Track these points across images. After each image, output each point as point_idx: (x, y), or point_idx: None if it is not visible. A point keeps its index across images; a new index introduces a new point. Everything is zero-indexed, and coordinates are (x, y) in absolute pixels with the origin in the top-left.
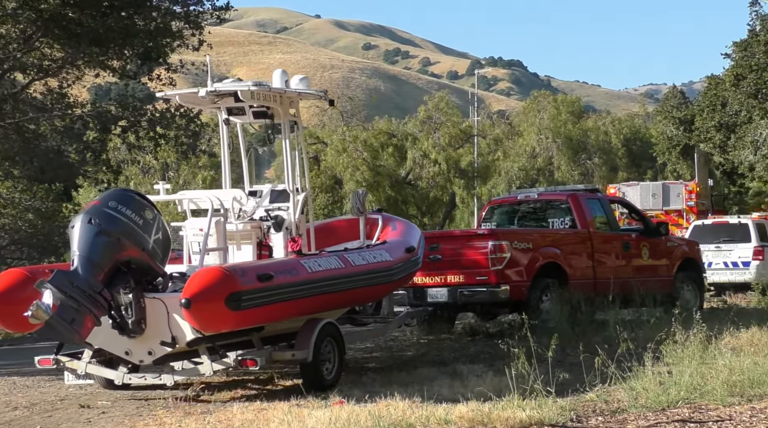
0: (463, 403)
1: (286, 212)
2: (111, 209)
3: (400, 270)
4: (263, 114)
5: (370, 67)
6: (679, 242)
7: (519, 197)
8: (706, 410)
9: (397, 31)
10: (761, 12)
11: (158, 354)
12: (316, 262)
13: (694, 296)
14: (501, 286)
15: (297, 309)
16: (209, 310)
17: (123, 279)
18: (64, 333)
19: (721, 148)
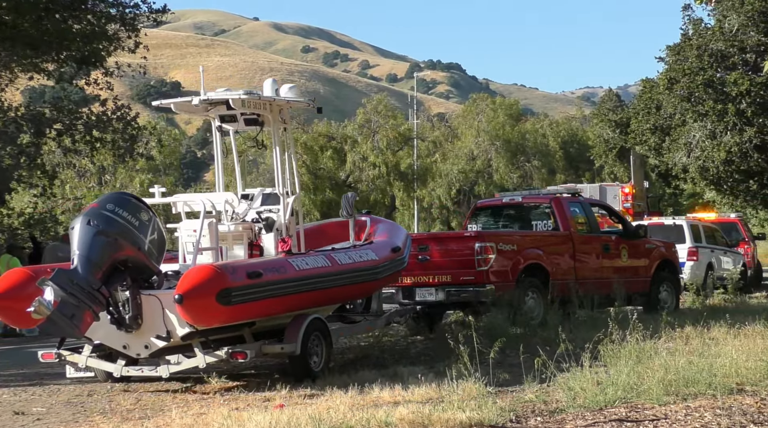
0: (404, 405)
1: (277, 214)
2: (109, 211)
3: (386, 269)
4: (254, 121)
5: (309, 70)
6: (657, 244)
7: (504, 200)
8: (642, 409)
9: (336, 33)
10: (693, 17)
11: (154, 347)
12: (303, 261)
13: (670, 296)
14: (487, 286)
15: (285, 305)
16: (201, 305)
17: (120, 277)
18: (64, 328)
19: (656, 150)
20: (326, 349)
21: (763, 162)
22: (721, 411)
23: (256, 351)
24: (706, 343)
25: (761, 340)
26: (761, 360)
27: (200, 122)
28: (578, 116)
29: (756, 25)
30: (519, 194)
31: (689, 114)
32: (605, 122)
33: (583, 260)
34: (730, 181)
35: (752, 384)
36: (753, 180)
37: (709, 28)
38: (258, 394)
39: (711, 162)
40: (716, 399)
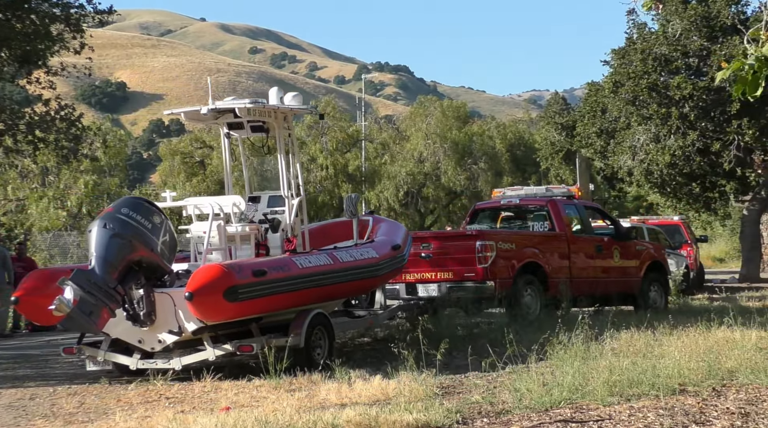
0: (351, 407)
1: (282, 215)
2: (123, 215)
3: (386, 266)
4: (260, 128)
5: (256, 71)
6: (647, 246)
7: (502, 201)
8: (587, 410)
9: (284, 35)
10: (638, 21)
11: (167, 341)
12: (306, 259)
13: (659, 296)
14: (487, 282)
15: (289, 301)
16: (209, 302)
17: (135, 276)
18: (83, 324)
19: (601, 153)
20: (329, 342)
21: (706, 165)
22: (664, 411)
23: (262, 344)
24: (650, 344)
25: (703, 341)
26: (703, 361)
27: (146, 123)
28: (525, 118)
29: (698, 30)
30: (517, 197)
31: (634, 117)
32: (551, 125)
33: (578, 259)
34: (674, 184)
35: (694, 385)
36: (696, 183)
37: (653, 33)
38: (204, 397)
39: (655, 165)
40: (659, 399)
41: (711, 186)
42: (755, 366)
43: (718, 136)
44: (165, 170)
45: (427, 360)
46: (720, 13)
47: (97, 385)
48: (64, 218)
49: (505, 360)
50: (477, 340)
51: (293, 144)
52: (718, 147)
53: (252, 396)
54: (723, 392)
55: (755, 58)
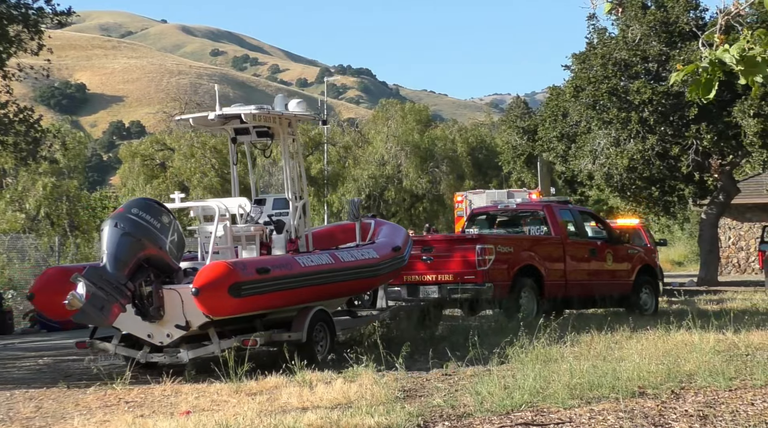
0: (312, 411)
1: (286, 217)
2: (134, 215)
3: (387, 266)
4: (265, 133)
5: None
6: (639, 250)
7: (499, 206)
8: (548, 413)
9: (246, 37)
10: (598, 26)
11: (175, 336)
12: (308, 258)
13: (650, 298)
14: (486, 284)
15: (291, 298)
16: (215, 297)
17: (144, 273)
18: (95, 318)
19: (562, 157)
20: (330, 338)
21: (665, 169)
22: (624, 414)
23: (266, 339)
24: (610, 347)
25: (662, 344)
26: (662, 364)
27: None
28: (487, 122)
29: (658, 35)
30: (514, 202)
31: (594, 122)
32: (513, 129)
33: (573, 263)
34: (633, 187)
35: (653, 388)
36: (655, 187)
37: (613, 38)
38: (164, 401)
39: (615, 169)
40: (619, 402)
41: (670, 190)
42: (713, 368)
43: (676, 140)
44: (125, 172)
45: (389, 363)
46: (678, 18)
47: (55, 389)
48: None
49: (467, 363)
50: (438, 343)
51: (297, 149)
52: (676, 151)
53: (212, 400)
54: (682, 394)
55: (709, 62)
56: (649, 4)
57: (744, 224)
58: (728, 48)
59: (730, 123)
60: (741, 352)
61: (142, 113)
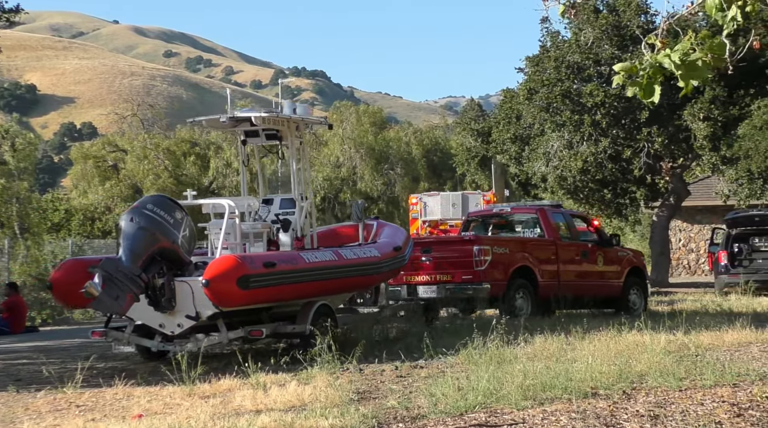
0: (266, 413)
1: (293, 216)
2: (148, 211)
3: (388, 265)
4: (273, 136)
5: (171, 75)
6: (628, 252)
7: (494, 210)
8: (501, 414)
9: (200, 39)
10: (551, 29)
11: (186, 326)
12: (313, 254)
13: (639, 299)
14: (483, 284)
15: (296, 292)
16: (224, 289)
17: (157, 266)
18: (110, 306)
19: (516, 159)
20: (333, 331)
21: (617, 172)
22: (576, 414)
23: (271, 330)
24: (563, 348)
25: (614, 345)
26: (614, 365)
27: (57, 127)
28: (441, 124)
29: (609, 39)
30: (508, 205)
31: (548, 124)
32: (467, 131)
33: (565, 264)
34: (586, 190)
35: (605, 388)
36: (607, 189)
37: (566, 41)
38: (115, 404)
39: (568, 171)
40: (572, 403)
41: (622, 192)
42: (664, 369)
43: (628, 143)
44: (77, 174)
45: (344, 365)
46: (630, 22)
47: (4, 393)
48: None
49: (421, 365)
50: (393, 345)
51: (304, 151)
52: (628, 154)
53: (165, 403)
54: (633, 395)
55: (649, 65)
56: (601, 8)
57: (694, 226)
58: (669, 53)
59: (681, 126)
60: (691, 353)
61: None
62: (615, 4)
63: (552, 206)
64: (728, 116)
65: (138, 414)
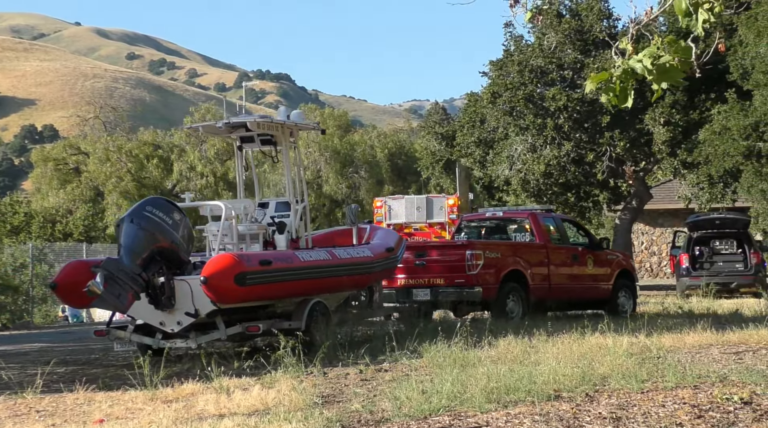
0: (229, 417)
1: (288, 218)
2: (148, 212)
3: (380, 265)
4: (268, 141)
5: (134, 77)
6: (617, 255)
7: (487, 214)
8: (465, 417)
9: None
10: (515, 33)
11: (185, 323)
12: (308, 253)
13: (628, 301)
14: (475, 288)
15: (292, 289)
16: (221, 286)
17: (157, 265)
18: (113, 304)
19: (480, 163)
20: (327, 327)
21: (580, 175)
22: (540, 417)
23: (268, 326)
24: (527, 351)
25: (577, 347)
26: (577, 367)
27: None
28: (406, 128)
29: (572, 43)
30: (500, 210)
31: (511, 128)
32: (432, 135)
33: (556, 267)
34: (550, 193)
35: (568, 391)
36: (570, 193)
37: (529, 45)
38: (76, 409)
39: (532, 175)
40: (535, 405)
41: (585, 196)
42: (626, 371)
43: (591, 147)
44: (38, 177)
45: (308, 368)
46: (592, 27)
47: None
48: None
49: (385, 368)
50: (358, 348)
51: (298, 156)
52: (591, 158)
53: (127, 408)
54: (596, 397)
55: (622, 71)
56: (564, 13)
57: (656, 229)
58: (641, 58)
59: (642, 130)
60: (653, 355)
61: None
62: (578, 8)
63: (543, 211)
64: (689, 121)
65: (99, 419)
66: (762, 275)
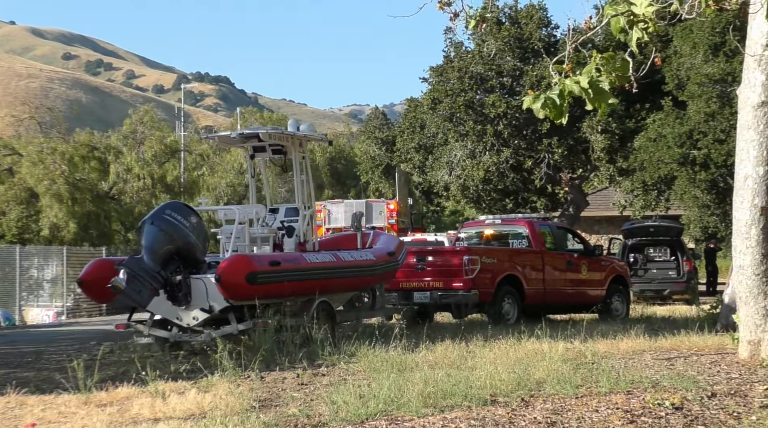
0: (165, 422)
1: (296, 223)
2: (167, 215)
3: (382, 268)
4: (279, 151)
5: (70, 78)
6: (611, 261)
7: (486, 221)
8: (402, 421)
9: (100, 41)
10: (455, 40)
11: (200, 318)
12: (314, 255)
13: (622, 305)
14: (472, 291)
15: (299, 288)
16: (233, 284)
17: (175, 264)
18: (134, 299)
19: (419, 168)
20: (331, 325)
21: (519, 182)
22: (476, 422)
23: (276, 322)
24: (464, 356)
25: (513, 352)
26: (513, 372)
27: None
28: (346, 132)
29: (512, 51)
30: (499, 218)
31: (451, 134)
32: (372, 140)
33: (551, 273)
34: (489, 199)
35: (504, 395)
36: (509, 199)
37: (469, 52)
38: (7, 413)
39: (471, 181)
40: (471, 410)
41: (523, 202)
42: (562, 376)
43: (530, 154)
44: None
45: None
46: (532, 35)
47: None
48: None
49: (323, 372)
50: (295, 353)
51: (306, 165)
52: (530, 164)
53: (60, 412)
54: (531, 402)
55: (559, 92)
56: (503, 21)
57: (592, 236)
58: (578, 80)
59: (580, 138)
60: (588, 360)
61: None
62: (517, 16)
63: (539, 219)
64: (625, 129)
65: (31, 423)
66: (694, 282)
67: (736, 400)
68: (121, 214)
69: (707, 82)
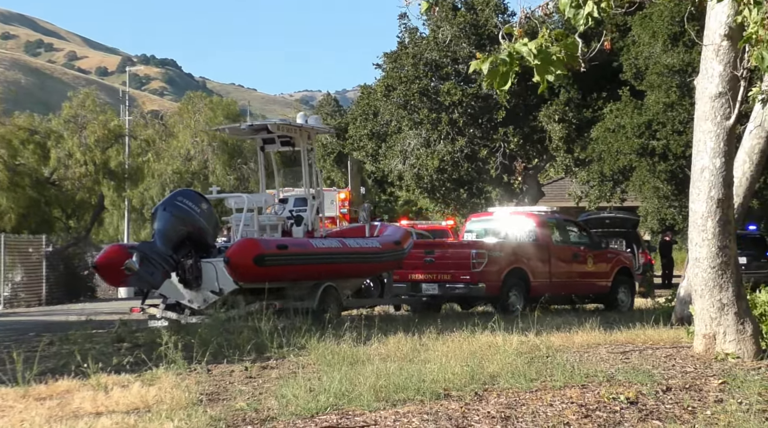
0: (107, 416)
1: (305, 213)
2: (179, 202)
3: (388, 255)
4: (288, 142)
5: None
6: (617, 253)
7: (495, 215)
8: (353, 415)
9: (40, 21)
10: (410, 26)
11: (210, 300)
12: (321, 241)
13: (627, 297)
14: (479, 284)
15: (306, 272)
16: (242, 266)
17: (186, 248)
18: (147, 281)
19: (372, 156)
20: (337, 309)
21: (473, 171)
22: (428, 416)
23: (283, 304)
24: (417, 349)
25: (467, 346)
26: (466, 366)
27: None
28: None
29: (468, 37)
30: (507, 211)
31: (405, 122)
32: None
33: (557, 265)
34: (443, 189)
35: (457, 389)
36: (463, 189)
37: (424, 38)
38: None
39: (425, 170)
40: (424, 404)
41: (478, 192)
42: (516, 370)
43: (485, 143)
44: None
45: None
46: (487, 21)
47: None
48: None
49: (272, 365)
50: (244, 346)
51: (314, 156)
52: (485, 154)
53: None
54: (485, 396)
55: (507, 54)
56: (459, 6)
57: None
58: (526, 42)
59: (536, 127)
60: (542, 354)
61: None
62: (473, 2)
63: (546, 213)
64: (582, 119)
65: None
66: (649, 274)
67: (691, 394)
68: (62, 200)
69: (667, 72)
